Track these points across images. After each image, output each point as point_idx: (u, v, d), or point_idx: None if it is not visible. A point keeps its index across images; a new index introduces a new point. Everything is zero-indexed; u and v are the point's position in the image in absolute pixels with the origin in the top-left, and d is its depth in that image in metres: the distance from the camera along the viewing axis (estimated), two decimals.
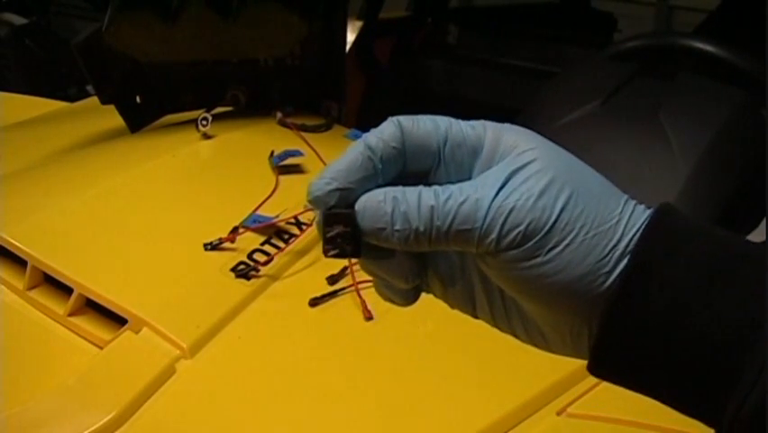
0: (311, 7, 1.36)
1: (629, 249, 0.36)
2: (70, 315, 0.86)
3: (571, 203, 0.37)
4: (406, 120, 0.39)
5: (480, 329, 0.93)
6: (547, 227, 0.36)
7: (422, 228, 0.37)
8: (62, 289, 0.89)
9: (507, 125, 0.40)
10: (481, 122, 0.40)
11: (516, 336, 0.42)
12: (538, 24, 2.50)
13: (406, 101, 2.18)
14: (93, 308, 0.87)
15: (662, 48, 1.45)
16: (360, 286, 0.88)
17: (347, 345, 0.84)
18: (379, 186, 0.38)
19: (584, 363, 0.38)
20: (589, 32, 2.66)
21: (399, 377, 0.79)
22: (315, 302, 0.87)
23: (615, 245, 0.37)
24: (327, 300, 0.87)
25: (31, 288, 0.91)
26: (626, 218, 0.37)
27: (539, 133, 0.39)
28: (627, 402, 0.77)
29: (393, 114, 0.39)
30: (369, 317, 0.85)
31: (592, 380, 0.77)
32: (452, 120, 0.39)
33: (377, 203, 0.38)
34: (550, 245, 0.36)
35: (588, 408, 0.75)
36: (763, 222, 1.05)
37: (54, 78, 3.22)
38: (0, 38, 3.39)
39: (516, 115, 1.39)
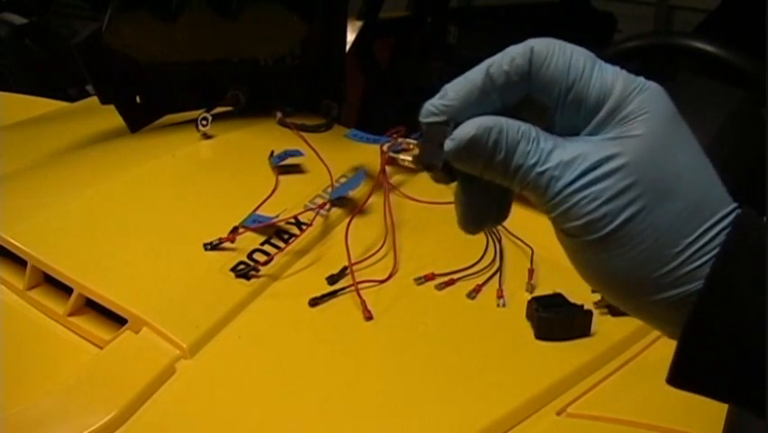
0: (311, 7, 1.36)
1: (684, 278, 0.35)
2: (70, 315, 0.86)
3: (638, 218, 0.35)
4: (540, 50, 0.37)
5: (480, 329, 0.93)
6: (601, 234, 0.36)
7: (503, 174, 0.37)
8: (62, 289, 0.89)
9: (642, 86, 0.38)
10: (619, 76, 0.38)
11: None
12: (538, 24, 2.49)
13: (406, 101, 2.18)
14: (93, 308, 0.87)
15: (662, 48, 1.45)
16: (360, 286, 0.88)
17: (347, 345, 0.84)
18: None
19: (584, 363, 0.38)
20: (590, 32, 2.66)
21: (399, 377, 0.79)
22: (315, 302, 0.87)
23: (670, 270, 0.35)
24: (327, 300, 0.87)
25: (31, 288, 0.91)
26: (695, 248, 0.35)
27: None
28: (627, 402, 0.77)
29: (393, 114, 0.39)
30: (369, 317, 0.85)
31: (592, 380, 0.78)
32: (588, 66, 0.37)
33: (478, 134, 0.37)
34: (598, 250, 0.36)
35: (588, 408, 0.75)
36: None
37: (54, 78, 3.21)
38: (0, 38, 3.38)
39: None
